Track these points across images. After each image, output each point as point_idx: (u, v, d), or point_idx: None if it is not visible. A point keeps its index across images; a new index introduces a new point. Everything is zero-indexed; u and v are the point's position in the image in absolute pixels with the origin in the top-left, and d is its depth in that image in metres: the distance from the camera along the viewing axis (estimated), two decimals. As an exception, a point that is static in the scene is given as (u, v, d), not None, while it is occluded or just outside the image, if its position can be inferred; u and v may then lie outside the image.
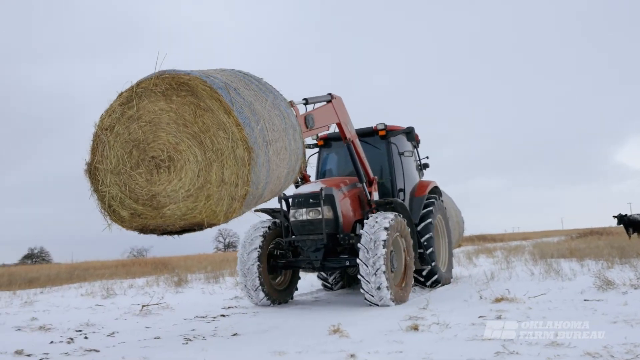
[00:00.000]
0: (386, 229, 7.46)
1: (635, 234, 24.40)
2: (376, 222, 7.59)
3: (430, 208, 9.64)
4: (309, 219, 8.08)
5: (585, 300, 6.88)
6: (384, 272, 7.22)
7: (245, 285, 8.29)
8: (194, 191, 4.95)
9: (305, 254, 8.31)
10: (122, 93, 5.06)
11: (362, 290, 7.44)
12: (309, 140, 10.05)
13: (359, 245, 7.46)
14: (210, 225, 5.04)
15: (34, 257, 51.17)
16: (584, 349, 4.17)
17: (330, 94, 7.96)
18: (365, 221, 7.77)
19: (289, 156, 5.65)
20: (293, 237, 8.36)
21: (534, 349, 4.31)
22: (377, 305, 7.38)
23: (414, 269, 8.46)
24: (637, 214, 24.75)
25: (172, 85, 4.88)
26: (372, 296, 7.33)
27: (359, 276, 7.41)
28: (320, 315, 7.06)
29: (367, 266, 7.26)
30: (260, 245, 8.28)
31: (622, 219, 24.96)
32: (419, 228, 9.34)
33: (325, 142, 10.19)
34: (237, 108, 4.85)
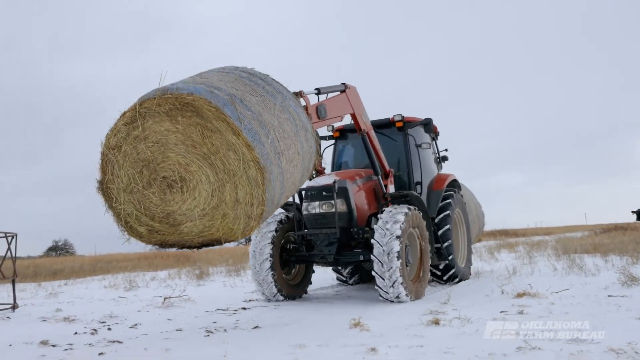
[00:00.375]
0: (401, 223, 7.30)
1: None
2: (390, 216, 7.42)
3: (448, 201, 9.45)
4: (322, 212, 7.92)
5: (609, 296, 6.78)
6: (399, 269, 7.06)
7: (257, 281, 8.17)
8: (209, 210, 4.89)
9: (318, 248, 8.14)
10: (125, 113, 4.84)
11: (376, 287, 7.33)
12: (324, 132, 9.86)
13: (372, 241, 7.30)
14: (228, 241, 5.02)
15: (58, 249, 51.78)
16: (608, 344, 4.12)
17: (344, 83, 7.75)
18: (379, 215, 7.63)
19: (302, 159, 5.54)
20: (306, 230, 8.19)
21: (556, 345, 4.27)
22: (392, 301, 7.26)
23: (430, 263, 8.27)
24: None
25: (175, 106, 4.66)
26: (387, 293, 7.20)
27: (373, 273, 7.29)
28: (341, 309, 7.07)
29: (381, 263, 7.12)
30: (272, 240, 8.13)
31: None
32: (435, 222, 9.18)
33: (341, 134, 9.96)
34: (245, 125, 4.68)
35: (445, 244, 9.09)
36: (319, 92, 7.07)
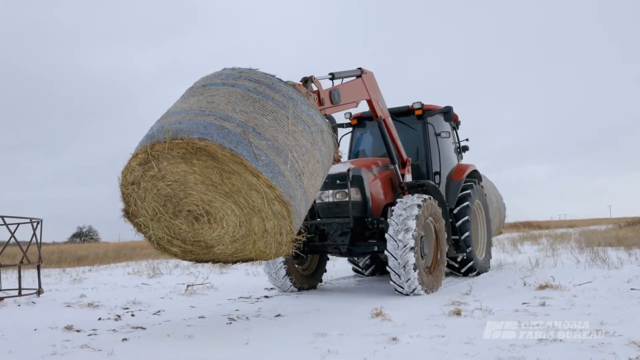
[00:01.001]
0: (418, 206, 7.13)
1: None
2: (405, 208, 7.14)
3: (468, 192, 9.21)
4: (336, 201, 7.70)
5: (632, 289, 6.71)
6: (414, 264, 6.86)
7: (270, 273, 8.07)
8: (239, 237, 4.92)
9: (331, 238, 7.88)
10: (137, 154, 4.67)
11: (388, 269, 7.07)
12: (342, 119, 9.62)
13: (388, 220, 7.09)
14: (262, 260, 5.15)
15: (83, 235, 52.51)
16: (629, 337, 4.09)
17: (360, 68, 7.46)
18: (392, 207, 7.35)
19: (322, 164, 5.44)
20: (319, 219, 7.96)
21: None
22: (403, 289, 7.02)
23: (446, 255, 8.07)
24: None
25: (188, 150, 4.48)
26: (399, 276, 6.95)
27: (386, 252, 7.02)
28: (362, 299, 7.09)
29: (395, 259, 6.90)
30: None
31: None
32: (454, 213, 8.99)
33: (359, 122, 9.71)
34: (262, 160, 4.54)
35: (464, 235, 8.89)
36: (333, 77, 6.83)
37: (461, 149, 10.30)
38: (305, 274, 8.53)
